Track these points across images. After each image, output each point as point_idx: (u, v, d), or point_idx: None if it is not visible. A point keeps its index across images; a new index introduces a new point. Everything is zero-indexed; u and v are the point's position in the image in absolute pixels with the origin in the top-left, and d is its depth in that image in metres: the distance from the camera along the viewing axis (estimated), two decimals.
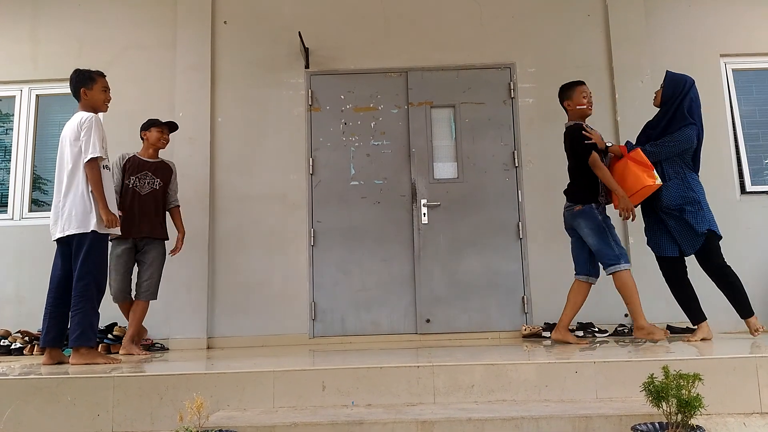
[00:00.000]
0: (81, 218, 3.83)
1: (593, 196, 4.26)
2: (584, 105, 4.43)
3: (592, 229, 4.20)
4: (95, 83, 4.03)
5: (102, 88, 4.06)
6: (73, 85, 4.05)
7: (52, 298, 3.91)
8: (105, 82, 4.10)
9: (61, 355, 3.92)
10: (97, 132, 3.85)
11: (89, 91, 4.01)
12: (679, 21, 5.90)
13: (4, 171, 5.95)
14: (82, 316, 3.73)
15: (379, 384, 2.87)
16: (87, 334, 3.72)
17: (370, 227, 5.62)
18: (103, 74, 4.12)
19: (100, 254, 3.86)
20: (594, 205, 4.24)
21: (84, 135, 3.85)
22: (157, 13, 5.98)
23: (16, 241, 5.68)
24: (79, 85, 4.02)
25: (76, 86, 4.03)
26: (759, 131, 5.82)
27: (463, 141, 5.72)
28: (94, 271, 3.81)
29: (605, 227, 4.20)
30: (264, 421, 2.57)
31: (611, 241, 4.17)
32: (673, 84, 4.33)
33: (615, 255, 4.14)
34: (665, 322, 5.29)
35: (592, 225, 4.21)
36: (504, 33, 5.88)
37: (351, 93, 5.82)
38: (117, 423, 2.81)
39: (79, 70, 4.08)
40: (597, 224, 4.20)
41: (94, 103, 4.04)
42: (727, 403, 2.71)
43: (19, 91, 5.99)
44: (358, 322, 5.50)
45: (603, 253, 4.18)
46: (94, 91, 4.02)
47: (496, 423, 2.49)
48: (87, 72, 4.06)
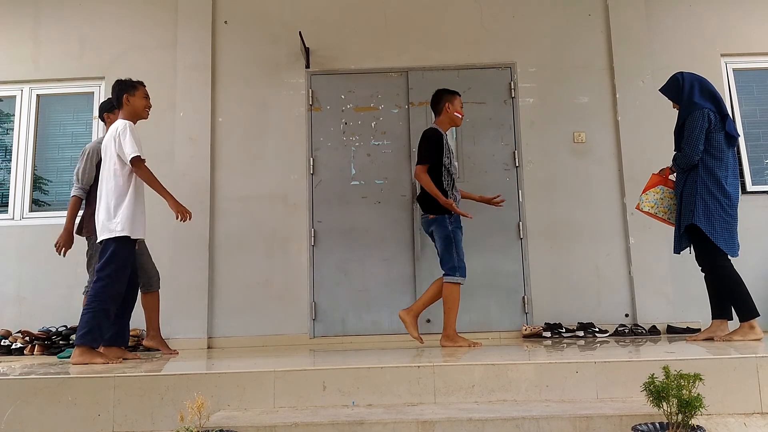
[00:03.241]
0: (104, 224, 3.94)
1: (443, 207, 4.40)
2: (461, 114, 4.62)
3: (440, 237, 4.39)
4: (137, 90, 4.17)
5: (143, 95, 4.19)
6: (115, 93, 4.18)
7: None
8: (145, 90, 4.24)
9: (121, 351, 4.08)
10: (133, 135, 3.97)
11: (131, 97, 4.14)
12: (679, 21, 5.90)
13: (4, 171, 5.95)
14: (91, 316, 3.77)
15: (379, 384, 2.87)
16: (93, 334, 3.75)
17: (371, 227, 5.62)
18: (143, 83, 4.25)
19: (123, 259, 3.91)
20: (447, 216, 4.40)
21: (121, 140, 3.96)
22: (158, 13, 5.98)
23: (17, 241, 5.69)
24: (122, 92, 4.14)
25: (119, 93, 4.15)
26: (760, 131, 5.82)
27: (464, 141, 5.72)
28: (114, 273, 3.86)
29: (452, 239, 4.37)
30: (265, 421, 2.57)
31: (454, 251, 4.34)
32: (670, 86, 4.35)
33: (453, 266, 4.32)
34: (665, 322, 5.30)
35: (441, 234, 4.39)
36: (504, 33, 5.88)
37: (351, 93, 5.82)
38: (118, 423, 2.81)
39: (120, 79, 4.22)
40: (446, 234, 4.37)
41: (135, 108, 4.16)
42: (728, 403, 2.71)
43: (20, 91, 6.00)
44: (358, 322, 5.50)
45: (445, 261, 4.36)
46: (136, 98, 4.16)
47: (497, 423, 2.49)
48: (129, 80, 4.21)
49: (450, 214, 4.40)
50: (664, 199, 4.41)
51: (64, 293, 5.47)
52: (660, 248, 5.42)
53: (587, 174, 5.64)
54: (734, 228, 4.07)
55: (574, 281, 5.45)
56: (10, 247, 5.68)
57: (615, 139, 5.66)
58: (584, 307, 5.42)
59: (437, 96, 4.66)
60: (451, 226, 4.39)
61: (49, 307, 5.52)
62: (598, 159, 5.66)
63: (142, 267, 4.61)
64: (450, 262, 4.33)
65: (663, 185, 4.42)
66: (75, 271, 5.30)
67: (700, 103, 4.14)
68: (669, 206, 4.39)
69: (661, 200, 4.42)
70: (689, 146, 4.12)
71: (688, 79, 4.25)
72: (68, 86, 6.00)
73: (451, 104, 4.59)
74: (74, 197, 4.41)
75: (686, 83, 4.24)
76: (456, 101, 4.61)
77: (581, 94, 5.76)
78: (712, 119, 4.08)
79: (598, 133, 5.69)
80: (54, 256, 5.55)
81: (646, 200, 4.44)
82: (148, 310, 4.61)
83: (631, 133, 5.63)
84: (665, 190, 4.42)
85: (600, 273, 5.50)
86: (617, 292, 5.48)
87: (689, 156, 4.12)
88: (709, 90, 4.19)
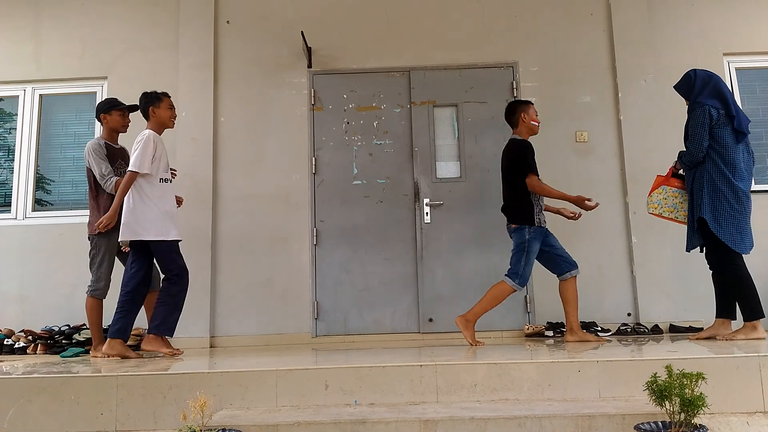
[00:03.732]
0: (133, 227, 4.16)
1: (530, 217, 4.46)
2: (537, 122, 4.65)
3: (516, 243, 4.44)
4: (162, 102, 4.36)
5: (168, 106, 4.39)
6: (142, 105, 4.37)
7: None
8: (170, 101, 4.43)
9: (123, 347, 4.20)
10: (148, 148, 4.15)
11: (157, 109, 4.34)
12: (682, 20, 5.89)
13: (7, 170, 5.96)
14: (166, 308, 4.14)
15: (381, 383, 2.87)
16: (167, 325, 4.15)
17: (373, 226, 5.62)
18: (168, 94, 4.45)
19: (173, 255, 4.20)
20: (527, 227, 4.43)
21: (135, 148, 4.17)
22: (160, 13, 5.99)
23: (20, 241, 5.70)
24: (148, 104, 4.34)
25: (145, 106, 4.35)
26: (762, 130, 5.81)
27: (466, 140, 5.72)
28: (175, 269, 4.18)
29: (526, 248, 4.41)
30: (267, 420, 2.57)
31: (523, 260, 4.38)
32: (682, 84, 4.35)
33: (517, 273, 4.36)
34: (668, 321, 5.29)
35: (518, 240, 4.44)
36: (506, 32, 5.88)
37: (353, 92, 5.83)
38: (120, 422, 2.82)
39: (146, 92, 4.40)
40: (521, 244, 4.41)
41: (161, 119, 4.35)
42: (730, 402, 2.71)
43: (23, 91, 6.01)
44: (360, 321, 5.50)
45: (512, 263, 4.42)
46: (162, 109, 4.34)
47: (499, 422, 2.49)
48: (154, 93, 4.40)
49: (530, 225, 4.42)
50: (668, 199, 4.41)
51: (66, 292, 5.48)
52: (662, 247, 5.42)
53: (589, 173, 5.63)
54: (743, 224, 4.04)
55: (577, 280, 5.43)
56: (12, 246, 5.69)
57: (617, 138, 5.66)
58: (586, 306, 5.41)
59: (511, 108, 4.68)
60: (529, 236, 4.41)
61: (51, 307, 5.53)
62: (601, 158, 5.65)
63: None
64: (516, 268, 4.37)
65: (665, 185, 4.43)
66: (78, 271, 5.32)
67: (703, 101, 4.14)
68: (674, 205, 4.39)
69: (665, 200, 4.43)
70: (692, 143, 4.14)
71: (700, 76, 4.25)
72: (70, 86, 6.01)
73: (527, 114, 4.59)
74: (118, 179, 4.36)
75: (697, 81, 4.23)
76: (531, 110, 4.62)
77: (583, 94, 5.76)
78: (714, 115, 4.07)
79: (601, 132, 5.69)
80: (56, 256, 5.59)
81: (650, 202, 4.48)
82: (150, 309, 4.61)
83: (633, 132, 5.63)
84: (668, 189, 4.42)
85: (602, 272, 5.50)
86: (619, 291, 5.48)
87: (693, 153, 4.14)
88: (717, 88, 4.16)
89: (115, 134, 4.67)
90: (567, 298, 4.48)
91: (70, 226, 5.61)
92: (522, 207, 4.46)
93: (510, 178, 4.52)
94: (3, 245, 5.70)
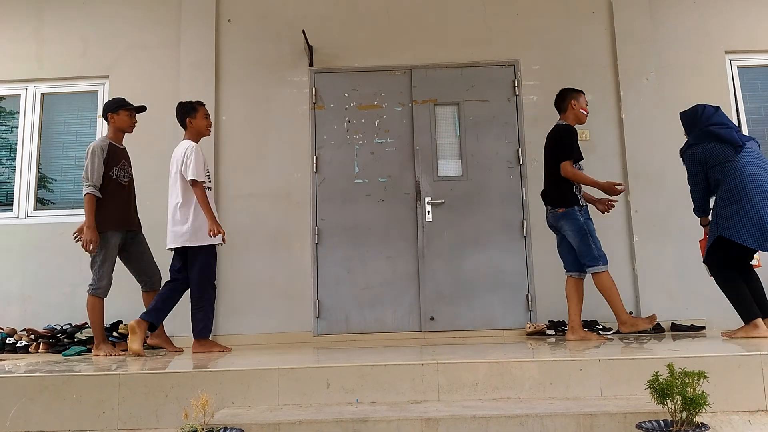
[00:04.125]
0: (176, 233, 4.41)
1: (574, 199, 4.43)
2: (586, 111, 4.65)
3: (574, 230, 4.38)
4: (197, 112, 4.57)
5: (204, 115, 4.59)
6: (179, 116, 4.59)
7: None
8: (205, 110, 4.63)
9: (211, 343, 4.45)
10: (198, 158, 4.37)
11: (193, 119, 4.55)
12: (684, 18, 5.88)
13: (9, 169, 5.97)
14: (203, 314, 4.36)
15: (383, 381, 2.87)
16: (208, 328, 4.39)
17: (375, 225, 5.62)
18: (203, 103, 4.65)
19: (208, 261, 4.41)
20: (576, 207, 4.41)
21: (187, 161, 4.36)
22: (162, 11, 5.99)
23: (22, 240, 5.71)
24: (185, 115, 4.56)
25: (182, 116, 4.57)
26: (764, 128, 5.80)
27: (468, 139, 5.71)
28: (210, 274, 4.41)
29: (586, 229, 4.37)
30: (269, 418, 2.57)
31: (591, 242, 4.34)
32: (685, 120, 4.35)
33: (594, 256, 4.32)
34: (669, 319, 5.29)
35: (574, 227, 4.38)
36: (508, 30, 5.87)
37: (355, 91, 5.82)
38: (122, 420, 2.82)
39: (182, 102, 4.62)
40: (579, 226, 4.37)
41: (198, 128, 4.57)
42: (732, 400, 2.71)
43: (24, 90, 6.01)
44: (362, 320, 5.50)
45: (584, 253, 4.35)
46: (198, 119, 4.56)
47: (501, 420, 2.49)
48: (189, 103, 4.60)
49: (580, 206, 4.41)
50: None
51: (68, 291, 5.48)
52: (664, 246, 5.41)
53: (591, 171, 5.57)
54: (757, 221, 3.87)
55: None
56: (14, 245, 5.70)
57: (619, 136, 5.65)
58: (588, 305, 5.38)
59: (562, 94, 4.67)
60: (581, 216, 4.39)
61: (53, 305, 5.54)
62: (602, 156, 5.64)
63: (143, 267, 4.62)
64: (590, 253, 4.33)
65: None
66: (79, 269, 5.33)
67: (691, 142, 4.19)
68: None
69: None
70: (691, 195, 4.22)
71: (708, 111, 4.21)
72: (72, 85, 6.01)
73: (577, 101, 4.59)
74: (89, 195, 4.38)
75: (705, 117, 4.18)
76: (581, 99, 4.61)
77: (585, 92, 5.73)
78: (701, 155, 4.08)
79: (602, 130, 5.68)
80: (58, 255, 5.59)
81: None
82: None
83: (635, 130, 5.62)
84: None
85: None
86: (621, 289, 5.40)
87: (694, 204, 4.23)
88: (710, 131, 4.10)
89: (121, 134, 4.66)
90: (576, 295, 4.48)
91: (71, 225, 5.55)
92: (565, 189, 4.44)
93: (553, 162, 4.49)
94: (5, 244, 5.71)
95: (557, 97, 4.69)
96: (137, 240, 4.64)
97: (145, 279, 4.62)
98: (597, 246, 4.36)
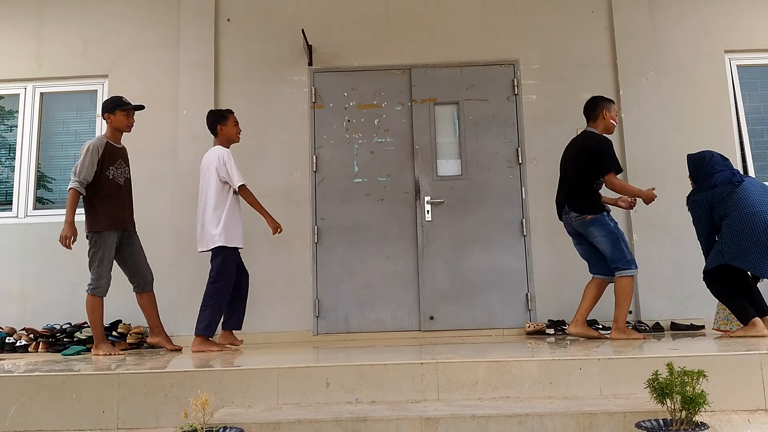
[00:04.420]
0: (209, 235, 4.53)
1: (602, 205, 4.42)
2: (615, 122, 4.58)
3: (605, 235, 4.33)
4: (228, 119, 4.73)
5: (233, 123, 4.76)
6: (210, 124, 4.75)
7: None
8: (235, 117, 4.79)
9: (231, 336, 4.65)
10: (233, 164, 4.57)
11: (224, 126, 4.71)
12: (683, 17, 5.88)
13: (8, 169, 5.97)
14: (210, 312, 4.43)
15: (383, 381, 2.87)
16: (211, 327, 4.43)
17: (374, 224, 5.62)
18: (232, 111, 4.82)
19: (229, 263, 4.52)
20: (605, 213, 4.38)
21: (228, 169, 4.54)
22: (161, 11, 5.98)
23: (21, 239, 5.71)
24: (216, 123, 4.72)
25: (213, 124, 4.73)
26: (764, 127, 5.80)
27: (467, 138, 5.71)
28: (226, 275, 4.48)
29: (617, 234, 4.34)
30: (268, 417, 2.57)
31: (623, 246, 4.32)
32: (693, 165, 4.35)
33: (627, 260, 4.29)
34: (669, 318, 5.29)
35: (604, 232, 4.34)
36: (507, 29, 5.87)
37: (354, 90, 5.82)
38: (122, 420, 2.82)
39: (212, 111, 4.82)
40: (609, 231, 4.33)
41: (228, 135, 4.73)
42: (732, 399, 2.71)
43: (24, 89, 6.01)
44: (361, 320, 5.50)
45: (616, 258, 4.30)
46: (228, 126, 4.72)
47: (500, 420, 2.49)
48: (219, 111, 4.79)
49: (608, 211, 4.41)
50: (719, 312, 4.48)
51: (67, 291, 5.48)
52: (663, 245, 5.42)
53: None
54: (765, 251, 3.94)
55: (578, 278, 5.39)
56: (14, 244, 5.70)
57: (619, 136, 5.64)
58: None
59: (593, 102, 4.56)
60: (610, 221, 4.38)
61: (53, 305, 5.54)
62: None
63: (137, 267, 4.60)
64: (624, 257, 4.30)
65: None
66: (78, 269, 5.30)
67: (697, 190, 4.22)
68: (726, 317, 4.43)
69: (717, 314, 4.50)
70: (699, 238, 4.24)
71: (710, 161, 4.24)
72: (71, 84, 6.01)
73: (608, 111, 4.50)
74: (73, 190, 4.37)
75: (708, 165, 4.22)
76: (613, 109, 4.54)
77: (584, 91, 5.71)
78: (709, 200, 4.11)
79: None
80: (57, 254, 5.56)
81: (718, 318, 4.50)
82: (146, 309, 4.62)
83: (634, 130, 5.62)
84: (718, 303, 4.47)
85: None
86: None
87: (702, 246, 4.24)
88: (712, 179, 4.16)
89: (119, 133, 4.64)
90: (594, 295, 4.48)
91: None
92: (593, 197, 4.41)
93: (584, 169, 4.39)
94: (4, 244, 5.71)
95: (588, 104, 4.57)
96: (132, 240, 4.62)
97: (138, 280, 4.60)
98: (626, 248, 4.34)
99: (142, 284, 4.61)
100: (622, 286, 4.29)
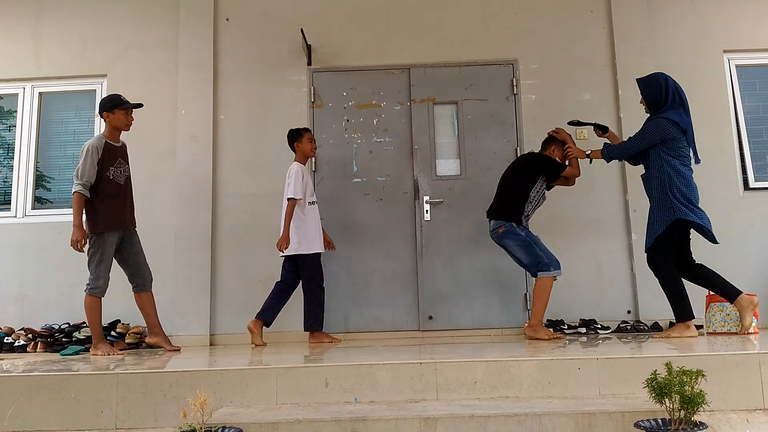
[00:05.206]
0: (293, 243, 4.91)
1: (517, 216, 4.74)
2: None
3: (519, 245, 4.65)
4: (303, 137, 5.07)
5: (309, 140, 5.10)
6: (289, 141, 5.11)
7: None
8: (311, 134, 5.16)
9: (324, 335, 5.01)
10: (298, 179, 4.90)
11: (300, 143, 5.06)
12: (682, 17, 5.88)
13: (7, 168, 5.96)
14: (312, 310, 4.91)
15: (382, 381, 2.87)
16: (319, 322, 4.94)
17: (373, 224, 5.62)
18: (308, 129, 5.20)
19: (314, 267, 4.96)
20: (515, 224, 4.68)
21: (289, 180, 4.92)
22: (160, 11, 5.98)
23: (19, 239, 5.70)
24: (293, 140, 5.09)
25: (291, 141, 5.10)
26: (762, 127, 5.81)
27: (466, 138, 5.71)
28: (317, 277, 4.94)
29: (529, 240, 4.64)
30: (267, 417, 2.57)
31: (538, 251, 4.62)
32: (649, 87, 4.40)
33: (545, 262, 4.56)
34: (668, 318, 5.28)
35: (518, 241, 4.66)
36: (506, 29, 5.87)
37: (353, 90, 5.82)
38: (120, 420, 2.82)
39: (291, 130, 5.13)
40: (522, 240, 4.64)
41: (303, 151, 5.08)
42: (730, 399, 2.71)
43: (22, 89, 6.00)
44: (360, 319, 5.50)
45: (533, 263, 4.60)
46: (303, 143, 5.07)
47: (499, 419, 2.49)
48: (296, 130, 5.12)
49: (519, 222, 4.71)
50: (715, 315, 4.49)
51: (66, 291, 5.47)
52: None
53: (589, 171, 5.61)
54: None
55: (576, 278, 5.44)
56: (12, 244, 5.69)
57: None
58: (586, 304, 5.42)
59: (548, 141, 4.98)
60: (523, 231, 4.69)
61: (51, 305, 5.53)
62: None
63: (137, 267, 4.60)
64: (540, 260, 4.57)
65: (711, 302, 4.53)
66: (77, 269, 5.30)
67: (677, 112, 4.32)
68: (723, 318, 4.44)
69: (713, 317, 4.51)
70: (624, 147, 4.49)
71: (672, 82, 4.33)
72: (70, 84, 6.00)
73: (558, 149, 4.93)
74: (77, 193, 4.38)
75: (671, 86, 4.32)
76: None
77: (583, 91, 5.75)
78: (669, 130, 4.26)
79: None
80: (56, 254, 5.58)
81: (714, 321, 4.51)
82: (144, 309, 4.62)
83: (633, 129, 5.56)
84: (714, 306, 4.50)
85: (602, 270, 5.50)
86: (619, 288, 5.48)
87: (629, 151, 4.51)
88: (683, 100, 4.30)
89: (117, 132, 4.63)
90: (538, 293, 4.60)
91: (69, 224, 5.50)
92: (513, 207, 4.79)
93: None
94: (3, 243, 5.70)
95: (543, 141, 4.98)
96: (132, 240, 4.62)
97: (138, 280, 4.60)
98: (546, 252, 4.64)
99: (142, 284, 4.60)
100: (542, 286, 4.53)
